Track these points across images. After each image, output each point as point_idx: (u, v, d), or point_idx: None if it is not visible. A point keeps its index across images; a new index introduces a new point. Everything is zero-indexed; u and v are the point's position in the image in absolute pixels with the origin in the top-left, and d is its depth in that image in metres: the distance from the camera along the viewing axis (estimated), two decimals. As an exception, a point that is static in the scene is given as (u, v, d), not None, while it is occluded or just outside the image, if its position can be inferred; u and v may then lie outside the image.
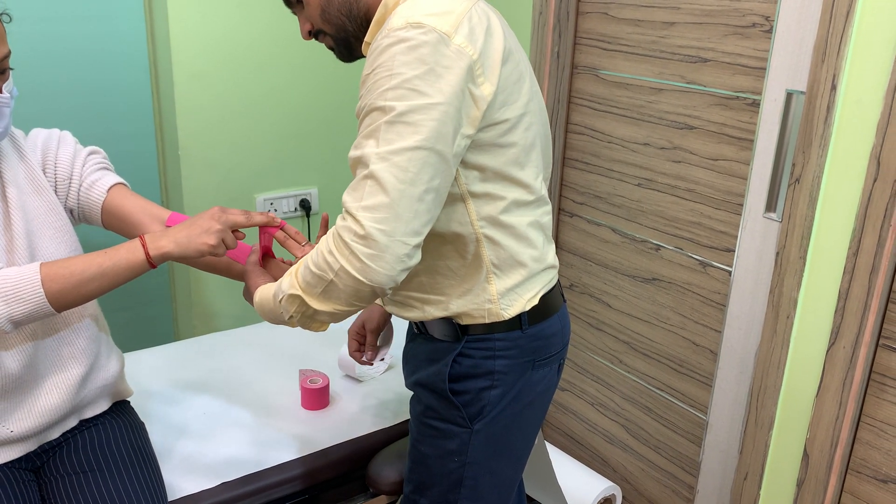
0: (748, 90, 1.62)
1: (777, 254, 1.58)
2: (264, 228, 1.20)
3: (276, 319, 1.12)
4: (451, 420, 1.21)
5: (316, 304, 1.04)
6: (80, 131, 1.71)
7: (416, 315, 1.21)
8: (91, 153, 1.31)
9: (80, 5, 2.07)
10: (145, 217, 1.28)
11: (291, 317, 1.08)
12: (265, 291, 1.13)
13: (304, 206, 2.49)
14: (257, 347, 1.87)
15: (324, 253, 1.01)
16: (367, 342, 1.45)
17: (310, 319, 1.08)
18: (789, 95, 1.54)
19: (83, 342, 1.28)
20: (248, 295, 1.21)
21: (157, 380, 1.69)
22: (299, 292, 1.04)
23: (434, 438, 1.23)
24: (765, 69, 1.58)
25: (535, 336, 1.20)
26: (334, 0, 1.13)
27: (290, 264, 1.26)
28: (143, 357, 1.78)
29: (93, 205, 1.28)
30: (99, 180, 1.28)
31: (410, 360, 1.30)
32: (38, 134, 1.28)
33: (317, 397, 1.61)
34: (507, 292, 1.17)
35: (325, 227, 1.24)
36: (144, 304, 2.46)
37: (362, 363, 1.46)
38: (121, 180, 1.31)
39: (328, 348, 1.84)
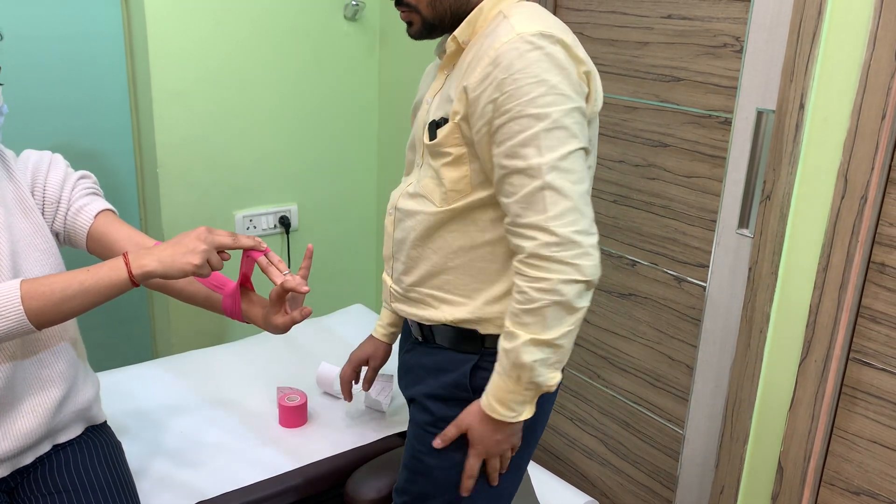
0: (720, 109, 1.65)
1: (750, 269, 1.61)
2: (247, 253, 1.19)
3: (522, 395, 1.11)
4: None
5: (548, 336, 1.06)
6: (59, 149, 1.71)
7: (430, 314, 1.22)
8: (81, 178, 1.30)
9: (59, 24, 2.07)
10: (130, 245, 1.27)
11: (539, 374, 1.08)
12: (495, 386, 1.12)
13: (284, 222, 2.49)
14: (235, 365, 1.86)
15: (529, 287, 1.05)
16: (366, 376, 1.52)
17: (552, 361, 1.09)
18: (760, 114, 1.57)
19: (62, 365, 1.27)
20: (234, 312, 1.26)
21: (133, 398, 1.67)
22: (529, 335, 1.06)
23: (443, 450, 1.22)
24: (736, 88, 1.61)
25: None
26: None
27: (260, 301, 1.27)
28: (121, 375, 1.76)
29: (79, 230, 1.27)
30: (86, 206, 1.28)
31: (410, 371, 1.31)
32: (30, 155, 1.28)
33: (295, 415, 1.60)
34: None
35: (310, 258, 1.24)
36: (122, 323, 2.44)
37: (345, 387, 1.53)
38: (109, 206, 1.30)
39: (306, 366, 1.84)
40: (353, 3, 2.38)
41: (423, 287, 1.23)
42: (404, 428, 1.64)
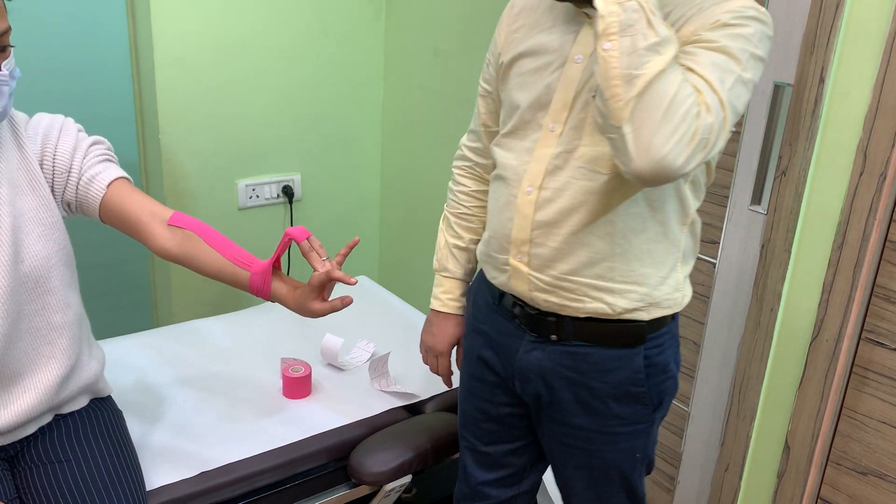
0: (736, 82, 1.61)
1: (762, 246, 1.58)
2: (288, 235, 1.16)
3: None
4: (638, 420, 1.20)
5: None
6: (56, 112, 1.67)
7: (590, 307, 1.13)
8: (93, 143, 1.26)
9: (59, -14, 2.02)
10: (145, 215, 1.23)
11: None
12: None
13: (287, 192, 2.46)
14: (238, 336, 1.84)
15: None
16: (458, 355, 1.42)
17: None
18: (777, 88, 1.53)
19: (65, 342, 1.24)
20: (262, 291, 1.22)
21: (134, 368, 1.66)
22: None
23: (618, 443, 1.21)
24: (753, 61, 1.57)
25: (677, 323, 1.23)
26: None
27: (291, 282, 1.24)
28: (121, 344, 1.75)
29: (91, 200, 1.23)
30: (99, 174, 1.24)
31: (544, 375, 1.20)
32: (41, 121, 1.23)
33: (298, 386, 1.59)
34: (685, 280, 1.18)
35: (351, 249, 1.20)
36: (124, 292, 2.42)
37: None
38: (122, 174, 1.26)
39: (310, 336, 1.82)
40: (360, -32, 2.32)
41: (580, 276, 1.12)
42: (405, 402, 1.62)
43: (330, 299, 1.22)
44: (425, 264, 2.52)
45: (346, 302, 1.19)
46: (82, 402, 1.33)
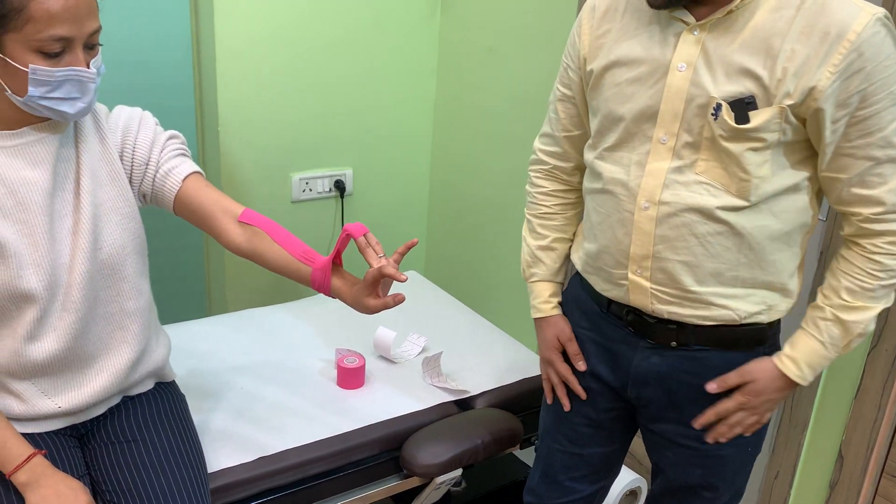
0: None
1: (821, 253, 1.56)
2: (347, 231, 1.19)
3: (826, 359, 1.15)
4: None
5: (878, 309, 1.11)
6: (119, 103, 1.71)
7: (717, 314, 1.14)
8: (170, 138, 1.30)
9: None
10: (218, 211, 1.27)
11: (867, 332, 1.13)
12: (813, 352, 1.14)
13: (339, 186, 2.50)
14: (293, 325, 1.88)
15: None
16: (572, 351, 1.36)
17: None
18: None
19: (137, 327, 1.29)
20: (323, 286, 1.24)
21: (194, 354, 1.70)
22: (876, 306, 1.11)
23: (735, 441, 1.21)
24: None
25: None
26: None
27: (351, 278, 1.26)
28: (180, 330, 1.79)
29: (167, 192, 1.28)
30: (175, 168, 1.28)
31: (664, 381, 1.20)
32: (121, 112, 1.28)
33: (353, 377, 1.62)
34: (800, 282, 1.20)
35: (409, 249, 1.19)
36: (178, 279, 2.48)
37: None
38: (196, 169, 1.30)
39: (362, 328, 1.85)
40: (417, -35, 2.34)
41: (706, 287, 1.13)
42: (456, 397, 1.64)
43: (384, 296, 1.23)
44: (472, 260, 2.54)
45: (398, 300, 1.20)
46: (148, 386, 1.37)
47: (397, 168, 2.63)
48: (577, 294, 1.32)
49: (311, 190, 2.46)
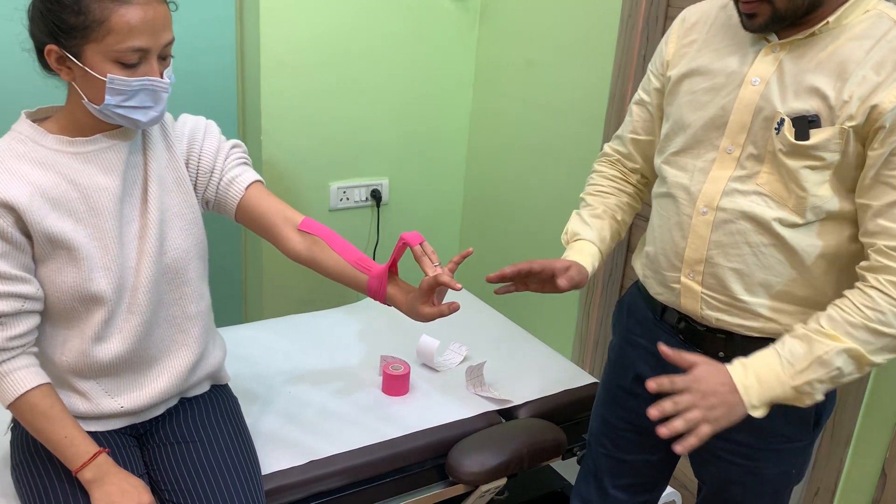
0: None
1: (866, 270, 1.57)
2: (403, 240, 1.21)
3: (787, 387, 1.05)
4: (799, 438, 1.22)
5: (873, 359, 1.03)
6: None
7: (766, 326, 1.14)
8: (233, 147, 1.34)
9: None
10: (279, 219, 1.31)
11: (832, 374, 1.04)
12: (766, 365, 1.06)
13: (375, 196, 2.53)
14: (337, 331, 1.91)
15: (890, 309, 1.01)
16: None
17: (841, 379, 1.05)
18: None
19: (198, 331, 1.32)
20: (378, 294, 1.26)
21: (240, 357, 1.73)
22: (859, 349, 1.02)
23: (779, 460, 1.22)
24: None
25: None
26: None
27: (406, 287, 1.27)
28: (224, 335, 1.82)
29: (230, 200, 1.31)
30: (239, 176, 1.32)
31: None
32: (187, 121, 1.31)
33: (398, 384, 1.64)
34: None
35: (464, 258, 1.20)
36: (215, 285, 2.51)
37: None
38: (258, 177, 1.34)
39: (403, 336, 1.87)
40: (458, -21, 2.37)
41: (756, 297, 1.14)
42: (500, 407, 1.65)
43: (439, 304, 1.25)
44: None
45: (453, 308, 1.22)
46: (205, 388, 1.40)
47: (432, 178, 2.66)
48: (633, 302, 1.35)
49: (348, 199, 2.50)
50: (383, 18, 2.33)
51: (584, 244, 1.31)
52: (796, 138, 1.06)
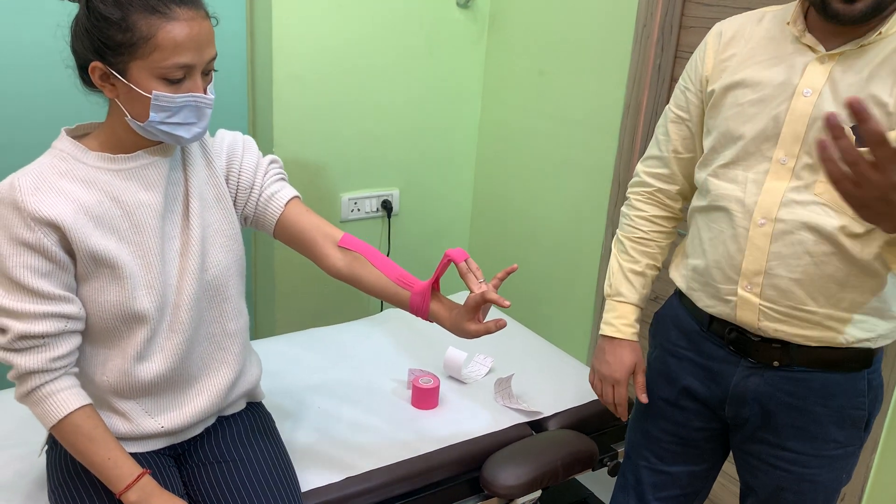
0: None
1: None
2: (448, 257, 1.21)
3: None
4: (851, 443, 1.22)
5: None
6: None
7: (827, 336, 1.15)
8: (271, 162, 1.33)
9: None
10: (319, 236, 1.29)
11: None
12: None
13: (386, 206, 2.53)
14: (362, 345, 1.90)
15: None
16: (637, 382, 1.38)
17: None
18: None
19: (237, 348, 1.31)
20: (421, 311, 1.25)
21: (267, 373, 1.71)
22: None
23: (831, 466, 1.22)
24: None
25: None
26: None
27: (449, 303, 1.26)
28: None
29: (269, 216, 1.30)
30: (278, 192, 1.31)
31: (760, 399, 1.21)
32: (224, 137, 1.30)
33: (428, 397, 1.63)
34: None
35: (508, 274, 1.20)
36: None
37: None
38: (296, 193, 1.33)
39: (429, 348, 1.86)
40: (468, -10, 2.38)
41: (817, 307, 1.13)
42: (530, 419, 1.65)
43: (484, 321, 1.25)
44: (515, 280, 2.56)
45: (500, 325, 1.20)
46: (241, 406, 1.39)
47: (443, 188, 2.66)
48: (675, 313, 1.34)
49: (359, 210, 2.49)
50: (392, 29, 2.34)
51: (629, 309, 1.37)
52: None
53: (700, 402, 1.31)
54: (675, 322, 1.34)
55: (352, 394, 1.67)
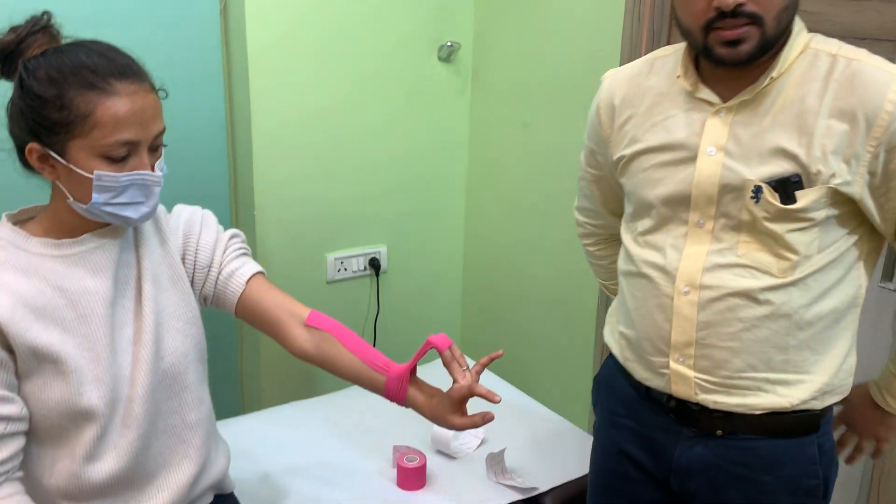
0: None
1: (902, 327, 1.49)
2: (430, 342, 1.14)
3: None
4: None
5: None
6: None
7: (765, 402, 1.08)
8: (232, 237, 1.26)
9: (158, 70, 2.04)
10: (284, 314, 1.22)
11: None
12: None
13: (374, 264, 2.45)
14: (341, 419, 1.80)
15: None
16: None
17: None
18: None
19: (199, 440, 1.21)
20: (397, 397, 1.18)
21: (242, 454, 1.61)
22: None
23: None
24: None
25: None
26: (790, 11, 0.99)
27: (429, 389, 1.19)
28: (220, 429, 1.71)
29: (230, 295, 1.23)
30: (238, 269, 1.23)
31: (707, 471, 1.13)
32: (181, 213, 1.24)
33: (415, 477, 1.53)
34: (855, 362, 1.13)
35: (492, 360, 1.15)
36: (209, 370, 2.40)
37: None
38: (260, 269, 1.26)
39: (415, 421, 1.75)
40: (448, 44, 2.34)
41: (754, 372, 1.07)
42: (526, 495, 1.54)
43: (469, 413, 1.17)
44: (509, 334, 2.47)
45: (487, 418, 1.13)
46: (208, 500, 1.29)
47: (432, 243, 2.58)
48: (612, 378, 1.26)
49: (346, 269, 2.41)
50: (374, 86, 2.29)
51: None
52: (783, 203, 1.01)
53: (646, 473, 1.22)
54: (613, 389, 1.25)
55: (333, 476, 1.57)
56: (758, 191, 1.01)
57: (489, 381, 2.02)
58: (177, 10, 2.03)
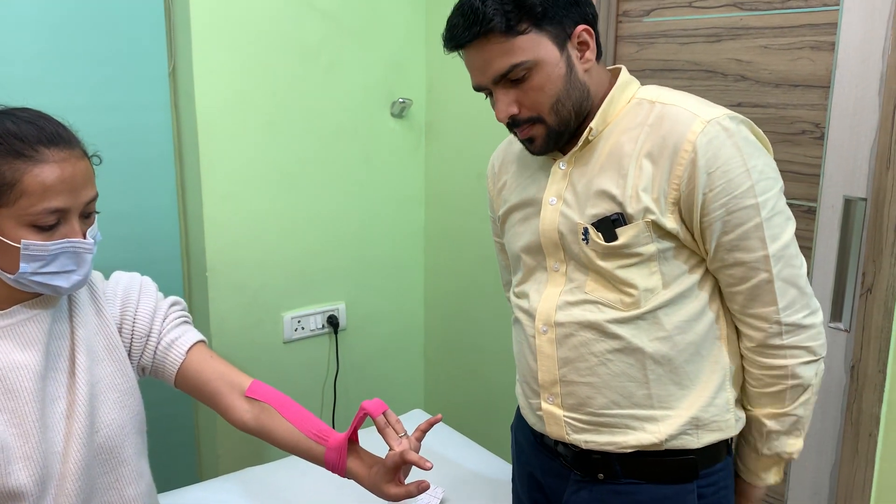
0: (802, 197, 1.59)
1: (852, 367, 1.50)
2: (364, 409, 1.12)
3: None
4: None
5: (785, 409, 1.10)
6: (106, 257, 1.64)
7: (634, 439, 1.08)
8: (172, 305, 1.24)
9: (107, 133, 2.03)
10: (224, 386, 1.19)
11: (779, 444, 1.13)
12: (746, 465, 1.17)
13: (332, 322, 2.41)
14: (299, 484, 1.74)
15: (763, 374, 1.07)
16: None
17: (789, 430, 1.13)
18: (848, 202, 1.50)
19: None
20: (337, 468, 1.16)
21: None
22: (766, 409, 1.10)
23: None
24: (819, 176, 1.55)
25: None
26: (572, 93, 1.08)
27: (369, 458, 1.17)
28: (173, 501, 1.64)
29: (169, 366, 1.20)
30: (178, 339, 1.21)
31: None
32: (119, 281, 1.21)
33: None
34: (736, 401, 1.13)
35: (431, 426, 1.14)
36: (162, 435, 2.33)
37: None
38: (200, 337, 1.23)
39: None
40: (401, 100, 2.37)
41: (618, 409, 1.09)
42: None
43: (406, 482, 1.14)
44: (472, 389, 2.44)
45: (422, 487, 1.10)
46: (149, 580, 1.23)
47: (391, 298, 2.56)
48: (518, 424, 1.31)
49: (303, 328, 2.37)
50: (327, 143, 2.29)
51: None
52: (606, 241, 1.06)
53: None
54: (517, 436, 1.29)
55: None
56: (586, 232, 1.09)
57: (451, 438, 1.98)
58: (125, 71, 2.02)
